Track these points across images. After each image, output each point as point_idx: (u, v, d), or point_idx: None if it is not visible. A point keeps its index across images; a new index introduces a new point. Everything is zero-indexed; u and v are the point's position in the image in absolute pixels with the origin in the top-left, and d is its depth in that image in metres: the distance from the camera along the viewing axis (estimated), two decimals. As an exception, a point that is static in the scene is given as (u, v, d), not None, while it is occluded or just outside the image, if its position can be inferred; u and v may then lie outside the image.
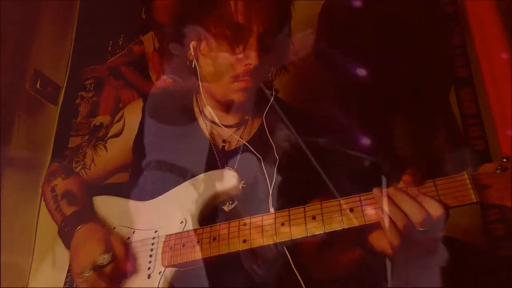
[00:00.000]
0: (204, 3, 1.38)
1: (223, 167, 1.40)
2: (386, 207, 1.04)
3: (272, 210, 1.24)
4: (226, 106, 1.42)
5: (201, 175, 1.31)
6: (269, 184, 1.29)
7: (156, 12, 2.53)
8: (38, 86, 2.37)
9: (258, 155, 1.35)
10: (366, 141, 1.94)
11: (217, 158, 1.42)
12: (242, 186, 1.27)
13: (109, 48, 2.59)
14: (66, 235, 1.37)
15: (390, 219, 1.02)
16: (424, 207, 1.00)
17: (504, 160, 1.02)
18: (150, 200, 1.36)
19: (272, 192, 1.28)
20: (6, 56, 2.16)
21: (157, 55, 2.49)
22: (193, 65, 1.43)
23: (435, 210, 1.00)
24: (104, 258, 1.19)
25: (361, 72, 1.79)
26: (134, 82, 2.48)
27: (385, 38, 2.00)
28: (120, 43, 2.58)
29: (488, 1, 1.74)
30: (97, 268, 1.19)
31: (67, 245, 1.36)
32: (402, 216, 1.01)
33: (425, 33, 1.99)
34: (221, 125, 1.46)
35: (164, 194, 1.35)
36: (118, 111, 2.43)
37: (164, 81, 2.41)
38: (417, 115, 1.94)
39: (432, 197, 1.02)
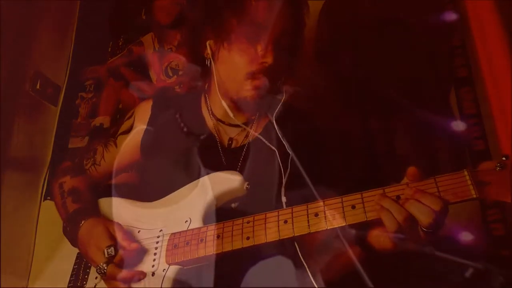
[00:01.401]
0: (228, 3, 1.40)
1: (228, 163, 1.41)
2: (388, 206, 1.04)
3: (284, 199, 1.25)
4: (237, 104, 1.43)
5: (206, 176, 1.32)
6: (283, 175, 1.31)
7: (156, 13, 2.53)
8: (38, 87, 2.37)
9: (273, 148, 1.37)
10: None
11: (222, 154, 1.44)
12: (246, 187, 1.27)
13: (109, 49, 2.59)
14: (69, 234, 1.39)
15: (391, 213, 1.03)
16: (433, 209, 1.01)
17: (503, 158, 1.03)
18: (156, 201, 1.37)
19: (285, 183, 1.29)
20: (6, 56, 2.16)
21: (157, 56, 2.49)
22: (207, 63, 1.45)
23: (433, 205, 1.01)
24: (108, 251, 1.22)
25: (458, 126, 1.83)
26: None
27: (385, 38, 2.00)
28: (120, 44, 2.58)
29: (488, 1, 1.75)
30: (109, 261, 1.22)
31: (73, 243, 1.38)
32: (402, 210, 1.03)
33: (425, 33, 1.99)
34: (228, 124, 1.48)
35: (169, 195, 1.35)
36: (118, 111, 2.44)
37: (163, 81, 2.42)
38: (417, 115, 1.94)
39: (430, 193, 1.03)
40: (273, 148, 1.37)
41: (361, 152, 1.96)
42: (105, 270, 1.21)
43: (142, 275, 1.22)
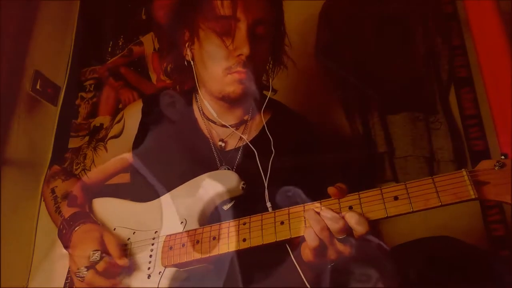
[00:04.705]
0: (192, 1, 1.39)
1: (222, 165, 1.40)
2: (308, 216, 1.07)
3: (269, 204, 1.24)
4: (224, 102, 1.41)
5: (202, 176, 1.30)
6: (263, 178, 1.30)
7: (156, 13, 2.53)
8: (38, 87, 2.37)
9: (255, 151, 1.35)
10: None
11: (216, 157, 1.42)
12: (242, 187, 1.26)
13: (109, 49, 2.59)
14: (64, 237, 1.35)
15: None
16: (343, 218, 1.03)
17: (502, 157, 1.02)
18: (151, 201, 1.36)
19: (267, 186, 1.28)
20: (6, 56, 2.16)
21: (157, 56, 2.49)
22: (192, 65, 1.43)
23: (359, 225, 1.02)
24: (94, 255, 1.19)
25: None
26: (134, 82, 2.49)
27: (385, 38, 2.00)
28: (120, 43, 2.58)
29: (488, 1, 1.74)
30: (91, 266, 1.18)
31: (66, 247, 1.34)
32: (319, 219, 1.05)
33: (425, 33, 1.99)
34: (220, 125, 1.46)
35: (164, 195, 1.34)
36: (118, 112, 2.44)
37: (163, 81, 2.41)
38: (417, 115, 1.94)
39: (355, 211, 1.04)
40: (255, 151, 1.35)
41: (359, 153, 1.96)
42: (84, 274, 1.18)
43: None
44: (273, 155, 1.33)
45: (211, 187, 1.26)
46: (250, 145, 1.38)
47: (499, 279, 1.16)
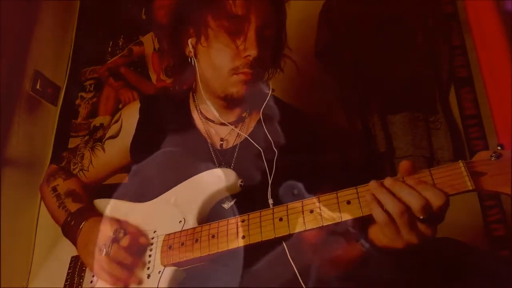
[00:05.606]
0: None
1: (220, 165, 1.39)
2: (381, 197, 0.99)
3: (271, 201, 1.23)
4: (225, 102, 1.41)
5: (200, 174, 1.29)
6: (268, 176, 1.28)
7: (156, 13, 2.53)
8: (38, 87, 2.37)
9: (259, 148, 1.34)
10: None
11: (214, 156, 1.41)
12: (240, 184, 1.25)
13: (109, 49, 2.59)
14: (71, 229, 1.35)
15: (386, 210, 0.98)
16: (423, 194, 0.96)
17: (498, 147, 1.01)
18: (149, 201, 1.35)
19: (270, 184, 1.26)
20: (6, 56, 2.17)
21: (157, 56, 2.49)
22: (192, 63, 1.43)
23: (435, 197, 0.95)
24: (118, 230, 1.20)
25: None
26: (134, 82, 2.49)
27: (385, 38, 2.00)
28: (120, 43, 2.59)
29: (488, 1, 1.75)
30: (115, 241, 1.19)
31: (72, 240, 1.35)
32: (397, 203, 0.97)
33: (425, 33, 1.99)
34: (219, 123, 1.46)
35: (162, 194, 1.33)
36: (118, 112, 2.44)
37: (163, 81, 2.42)
38: (417, 115, 1.94)
39: (432, 185, 0.98)
40: (259, 148, 1.34)
41: (359, 152, 1.95)
42: (109, 249, 1.18)
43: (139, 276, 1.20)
44: (276, 154, 1.32)
45: (209, 185, 1.25)
46: (253, 142, 1.37)
47: (499, 279, 1.15)
